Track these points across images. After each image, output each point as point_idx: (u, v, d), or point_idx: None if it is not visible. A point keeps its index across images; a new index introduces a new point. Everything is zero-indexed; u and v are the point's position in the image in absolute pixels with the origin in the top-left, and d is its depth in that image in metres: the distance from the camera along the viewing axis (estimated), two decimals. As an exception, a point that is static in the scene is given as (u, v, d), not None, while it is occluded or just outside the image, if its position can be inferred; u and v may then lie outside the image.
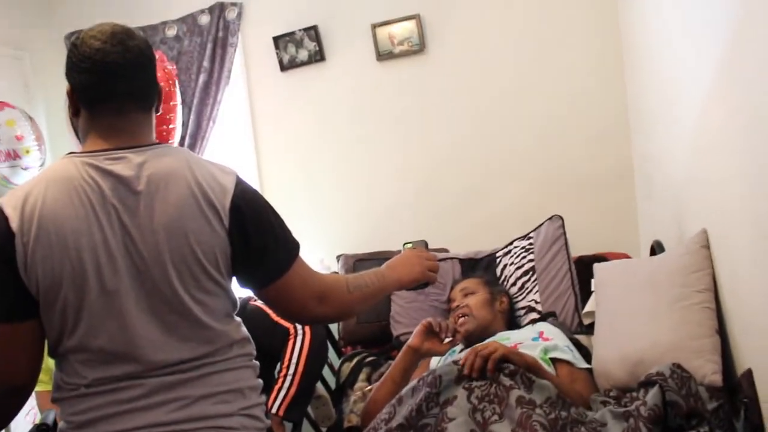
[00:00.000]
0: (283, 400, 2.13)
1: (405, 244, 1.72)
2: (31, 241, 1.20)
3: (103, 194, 1.23)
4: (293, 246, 1.37)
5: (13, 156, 2.94)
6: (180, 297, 1.24)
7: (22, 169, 2.98)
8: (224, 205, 1.26)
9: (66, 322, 1.24)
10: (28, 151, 2.98)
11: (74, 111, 1.33)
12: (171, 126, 3.15)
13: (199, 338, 1.27)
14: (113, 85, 1.27)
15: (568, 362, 1.89)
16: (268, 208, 1.35)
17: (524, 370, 1.64)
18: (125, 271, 1.23)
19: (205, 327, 1.28)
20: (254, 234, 1.29)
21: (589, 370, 1.90)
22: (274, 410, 2.10)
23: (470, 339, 2.07)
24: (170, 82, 3.17)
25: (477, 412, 1.56)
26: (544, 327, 2.08)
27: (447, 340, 1.93)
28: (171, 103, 3.15)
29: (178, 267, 1.24)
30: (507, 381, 1.61)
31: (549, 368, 1.83)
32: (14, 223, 1.19)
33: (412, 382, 1.72)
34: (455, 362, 1.68)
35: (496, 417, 1.55)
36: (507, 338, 2.00)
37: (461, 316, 2.14)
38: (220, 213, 1.25)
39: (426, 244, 1.73)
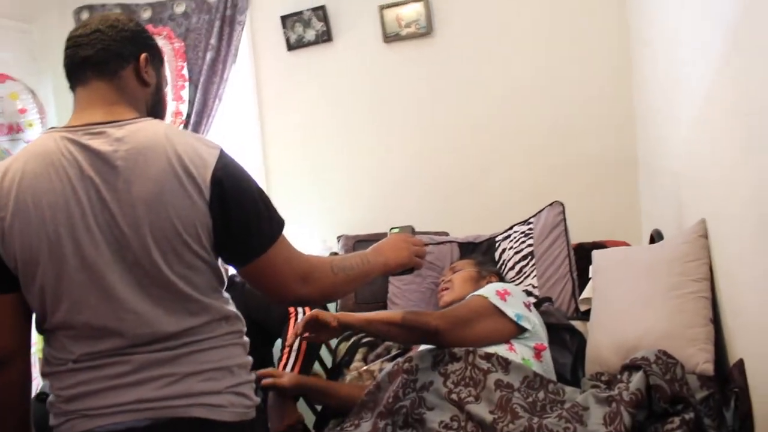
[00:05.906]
0: (294, 364, 2.13)
1: (392, 229, 1.69)
2: (8, 215, 1.20)
3: (81, 169, 1.21)
4: (277, 223, 1.32)
5: (15, 129, 2.94)
6: (162, 271, 1.22)
7: (24, 142, 2.97)
8: (204, 178, 1.23)
9: (47, 298, 1.23)
10: (30, 125, 2.98)
11: None
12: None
13: (185, 310, 1.26)
14: (77, 53, 1.30)
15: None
16: (252, 184, 1.31)
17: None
18: (105, 245, 1.22)
19: (190, 300, 1.26)
20: (235, 208, 1.26)
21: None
22: (288, 369, 2.09)
23: None
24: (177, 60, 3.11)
25: (453, 394, 1.58)
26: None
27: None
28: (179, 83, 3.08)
29: (159, 241, 1.22)
30: (484, 364, 1.63)
31: None
32: None
33: (389, 366, 1.73)
34: (430, 350, 1.71)
35: (471, 399, 1.57)
36: None
37: (444, 290, 2.19)
38: (200, 186, 1.22)
39: (413, 230, 1.69)
